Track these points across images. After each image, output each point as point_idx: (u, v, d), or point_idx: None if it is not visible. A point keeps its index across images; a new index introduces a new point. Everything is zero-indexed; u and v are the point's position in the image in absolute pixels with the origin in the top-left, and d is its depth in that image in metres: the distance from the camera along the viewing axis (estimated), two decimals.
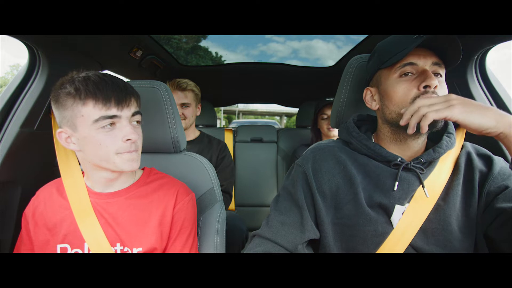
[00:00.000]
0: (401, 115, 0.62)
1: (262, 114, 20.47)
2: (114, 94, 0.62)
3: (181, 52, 1.75)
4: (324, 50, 1.74)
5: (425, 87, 0.60)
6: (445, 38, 0.58)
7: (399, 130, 0.65)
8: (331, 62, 1.84)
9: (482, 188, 0.62)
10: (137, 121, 0.69)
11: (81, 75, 0.64)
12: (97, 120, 0.61)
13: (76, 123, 0.62)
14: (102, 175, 0.70)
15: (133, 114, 0.67)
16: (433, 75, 0.60)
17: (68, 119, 0.63)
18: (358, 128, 0.73)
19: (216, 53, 1.79)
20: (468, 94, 0.90)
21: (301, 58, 1.84)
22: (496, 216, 0.59)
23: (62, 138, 0.65)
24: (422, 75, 0.61)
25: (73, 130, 0.64)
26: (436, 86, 0.60)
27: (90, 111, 0.61)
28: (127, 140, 0.64)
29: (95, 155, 0.64)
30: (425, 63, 0.62)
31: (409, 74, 0.62)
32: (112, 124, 0.63)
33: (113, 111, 0.62)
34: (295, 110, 2.91)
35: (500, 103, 0.88)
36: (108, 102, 0.61)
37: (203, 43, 1.66)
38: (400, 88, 0.63)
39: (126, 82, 0.69)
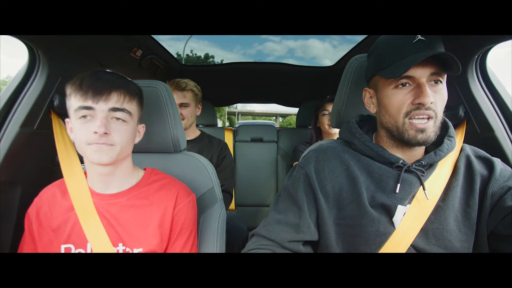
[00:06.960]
0: (396, 126, 0.63)
1: (260, 115, 20.50)
2: (92, 87, 0.65)
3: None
4: (320, 50, 1.74)
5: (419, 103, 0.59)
6: (444, 55, 0.56)
7: (395, 138, 0.66)
8: (326, 61, 1.84)
9: (485, 190, 0.62)
10: (117, 118, 0.67)
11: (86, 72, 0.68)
12: (76, 110, 0.66)
13: (70, 113, 0.68)
14: (95, 169, 0.72)
15: (113, 110, 0.66)
16: (428, 91, 0.58)
17: (68, 109, 0.69)
18: (360, 129, 0.73)
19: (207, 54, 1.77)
20: (469, 94, 0.90)
21: (297, 58, 1.84)
22: (506, 214, 0.59)
23: (68, 127, 0.71)
24: (418, 88, 0.59)
25: (70, 120, 0.69)
26: (431, 102, 0.59)
27: (73, 102, 0.67)
28: (94, 132, 0.64)
29: (76, 144, 0.69)
30: (423, 74, 0.59)
31: (406, 84, 0.61)
32: (88, 116, 0.65)
33: (89, 102, 0.65)
34: (289, 110, 2.91)
35: (500, 103, 0.88)
36: (86, 94, 0.65)
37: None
38: (394, 100, 0.62)
39: (118, 77, 0.70)
